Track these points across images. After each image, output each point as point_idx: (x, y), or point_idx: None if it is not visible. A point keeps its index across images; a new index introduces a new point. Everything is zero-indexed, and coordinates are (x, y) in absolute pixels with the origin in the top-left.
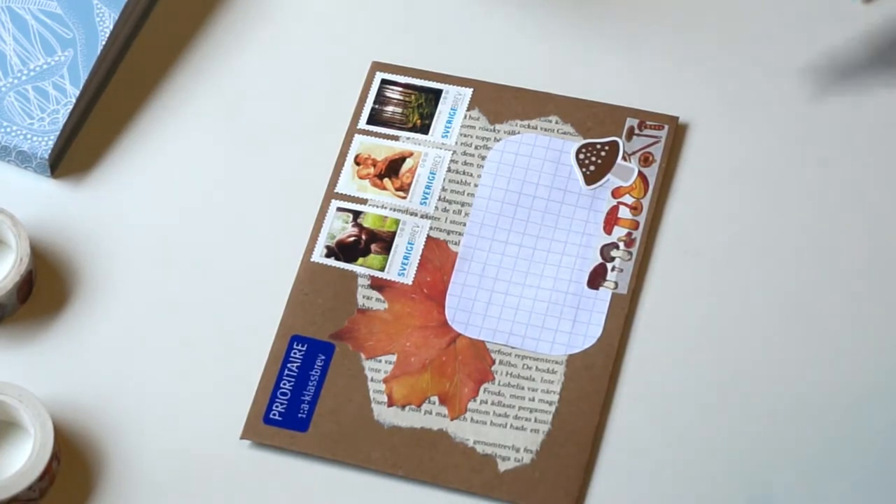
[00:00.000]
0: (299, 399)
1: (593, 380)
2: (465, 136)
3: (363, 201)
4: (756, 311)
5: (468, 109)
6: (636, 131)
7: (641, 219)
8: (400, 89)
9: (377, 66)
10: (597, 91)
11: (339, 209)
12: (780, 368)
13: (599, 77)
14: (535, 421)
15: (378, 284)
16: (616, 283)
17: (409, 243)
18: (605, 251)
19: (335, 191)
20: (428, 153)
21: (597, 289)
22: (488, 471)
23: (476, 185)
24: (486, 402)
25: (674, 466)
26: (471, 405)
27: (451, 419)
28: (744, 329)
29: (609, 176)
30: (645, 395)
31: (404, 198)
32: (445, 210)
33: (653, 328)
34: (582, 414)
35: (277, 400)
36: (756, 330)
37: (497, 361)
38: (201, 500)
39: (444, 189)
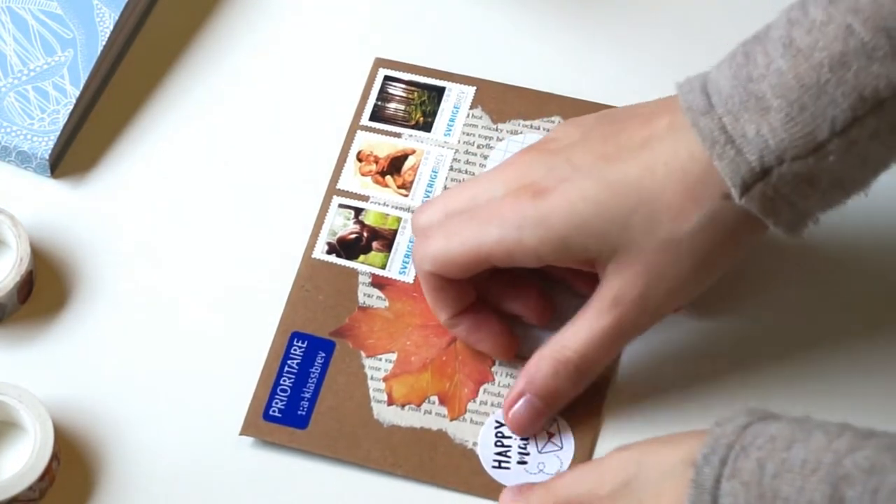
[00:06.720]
0: (299, 396)
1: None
2: (467, 134)
3: (365, 198)
4: (756, 310)
5: (471, 108)
6: None
7: None
8: (403, 86)
9: (380, 63)
10: (599, 92)
11: (341, 206)
12: (780, 368)
13: (602, 78)
14: None
15: (379, 282)
16: None
17: (410, 241)
18: None
19: (337, 187)
20: (430, 151)
21: None
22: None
23: None
24: (486, 404)
25: None
26: (470, 406)
27: (451, 420)
28: (744, 329)
29: None
30: (645, 395)
31: (406, 195)
32: None
33: (652, 328)
34: (582, 414)
35: (277, 396)
36: (757, 330)
37: (497, 362)
38: (201, 498)
39: (445, 188)
